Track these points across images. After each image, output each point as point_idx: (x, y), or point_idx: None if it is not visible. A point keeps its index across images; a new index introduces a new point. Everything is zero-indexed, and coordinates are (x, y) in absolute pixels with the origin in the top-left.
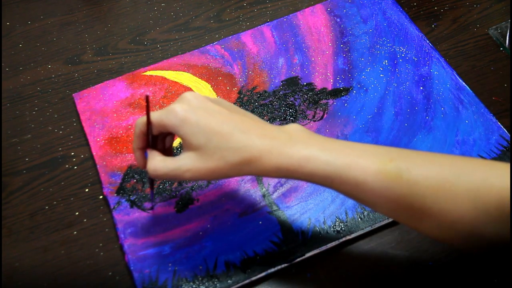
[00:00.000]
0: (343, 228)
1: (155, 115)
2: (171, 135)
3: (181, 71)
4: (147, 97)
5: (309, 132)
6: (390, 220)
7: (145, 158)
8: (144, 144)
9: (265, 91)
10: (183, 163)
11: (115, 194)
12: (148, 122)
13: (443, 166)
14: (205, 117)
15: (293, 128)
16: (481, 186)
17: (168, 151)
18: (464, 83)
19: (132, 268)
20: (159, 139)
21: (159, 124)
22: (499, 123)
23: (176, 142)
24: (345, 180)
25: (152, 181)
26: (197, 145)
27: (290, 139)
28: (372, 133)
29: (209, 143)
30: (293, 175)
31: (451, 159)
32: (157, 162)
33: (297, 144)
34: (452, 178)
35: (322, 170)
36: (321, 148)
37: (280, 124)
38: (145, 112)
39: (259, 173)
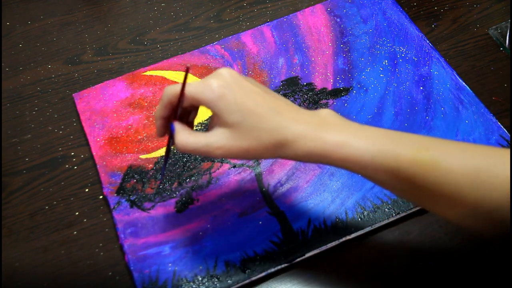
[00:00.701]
0: (343, 228)
1: (190, 88)
2: (195, 110)
3: (181, 71)
4: (187, 69)
5: (342, 117)
6: (390, 220)
7: (165, 128)
8: (169, 114)
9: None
10: (216, 140)
11: (115, 194)
12: (182, 95)
13: (479, 156)
14: (241, 95)
15: (327, 112)
16: None
17: (190, 125)
18: (464, 83)
19: (132, 268)
20: (185, 112)
21: (193, 97)
22: (499, 123)
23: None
24: (379, 167)
25: (168, 153)
26: (232, 122)
27: (324, 124)
28: None
29: (244, 122)
30: (325, 160)
31: (486, 149)
32: (187, 136)
33: (331, 129)
34: (488, 167)
35: (355, 156)
36: (355, 134)
37: None
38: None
39: (291, 157)
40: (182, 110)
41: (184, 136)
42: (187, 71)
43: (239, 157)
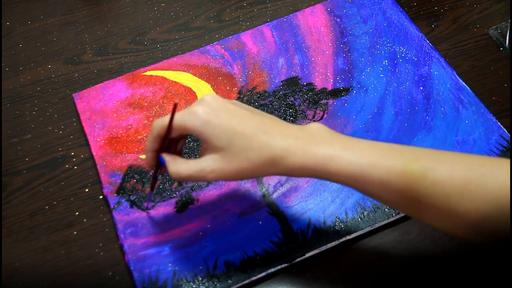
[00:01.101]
0: (343, 228)
1: (177, 117)
2: (184, 138)
3: (181, 71)
4: (175, 105)
5: (331, 131)
6: (390, 220)
7: (155, 160)
8: (159, 146)
9: (265, 91)
10: (207, 165)
11: (115, 194)
12: (170, 127)
13: (468, 166)
14: (227, 118)
15: (316, 127)
16: (505, 185)
17: (179, 154)
18: (464, 83)
19: (132, 268)
20: (173, 142)
21: (180, 126)
22: (499, 123)
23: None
24: (369, 180)
25: (154, 182)
26: (220, 146)
27: (313, 139)
28: (372, 133)
29: (233, 144)
30: (317, 175)
31: (475, 158)
32: (180, 165)
33: (321, 143)
34: (477, 177)
35: (346, 169)
36: (345, 147)
37: None
38: (158, 115)
39: (283, 173)
40: (171, 140)
41: (176, 166)
42: (174, 106)
43: (232, 178)
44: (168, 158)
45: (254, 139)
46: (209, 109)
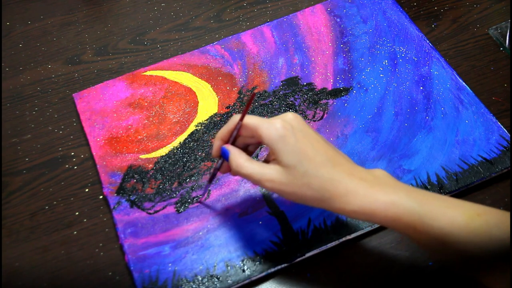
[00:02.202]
0: (343, 228)
1: (255, 121)
2: (254, 146)
3: (181, 71)
4: (253, 95)
5: (394, 178)
6: None
7: (219, 148)
8: (229, 138)
9: (265, 91)
10: (269, 173)
11: (115, 194)
12: (243, 115)
13: None
14: (302, 140)
15: (381, 173)
16: None
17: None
18: (464, 83)
19: (132, 268)
20: (239, 142)
21: (255, 130)
22: (499, 123)
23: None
24: (430, 230)
25: (215, 174)
26: (287, 164)
27: (377, 183)
28: (372, 133)
29: (300, 166)
30: (374, 219)
31: None
32: (244, 160)
33: (385, 188)
34: None
35: (407, 216)
36: (408, 194)
37: None
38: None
39: (338, 210)
40: (242, 140)
41: (241, 160)
42: (253, 96)
43: (286, 196)
44: (233, 150)
45: (322, 168)
46: (288, 126)
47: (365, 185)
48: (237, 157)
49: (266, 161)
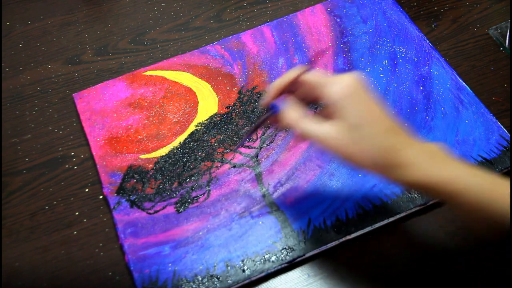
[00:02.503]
0: (343, 228)
1: (317, 76)
2: (306, 103)
3: (181, 71)
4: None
5: (451, 154)
6: (390, 220)
7: (273, 99)
8: (285, 89)
9: (265, 91)
10: (331, 129)
11: (115, 194)
12: (313, 64)
13: None
14: (369, 103)
15: (439, 146)
16: None
17: None
18: (464, 83)
19: (132, 268)
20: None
21: (319, 86)
22: (499, 123)
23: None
24: (492, 210)
25: (260, 125)
26: (353, 123)
27: (437, 156)
28: None
29: (366, 128)
30: (430, 192)
31: None
32: (301, 115)
33: (445, 162)
34: None
35: (467, 193)
36: (468, 171)
37: None
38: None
39: (397, 179)
40: (301, 95)
41: (298, 113)
42: (315, 56)
43: (345, 156)
44: (289, 107)
45: (385, 134)
46: (356, 85)
47: (425, 157)
48: (294, 110)
49: (325, 117)
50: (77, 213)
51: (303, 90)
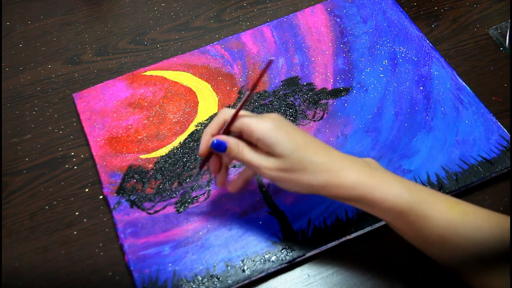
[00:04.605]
0: (343, 228)
1: (246, 118)
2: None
3: (181, 71)
4: (270, 61)
5: (383, 167)
6: None
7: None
8: (218, 131)
9: (265, 91)
10: (267, 160)
11: (115, 194)
12: (238, 110)
13: (503, 217)
14: (293, 132)
15: (370, 160)
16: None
17: None
18: (464, 83)
19: (132, 268)
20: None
21: (246, 125)
22: (499, 123)
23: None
24: (414, 213)
25: (203, 164)
26: (282, 153)
27: (368, 166)
28: (372, 133)
29: (295, 154)
30: (363, 199)
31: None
32: (244, 147)
33: (374, 172)
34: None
35: (396, 199)
36: (397, 180)
37: None
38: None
39: (333, 190)
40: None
41: (241, 147)
42: (269, 63)
43: (283, 184)
44: (230, 138)
45: (315, 154)
46: (277, 121)
47: (356, 166)
48: (237, 143)
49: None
50: (77, 213)
51: (233, 130)
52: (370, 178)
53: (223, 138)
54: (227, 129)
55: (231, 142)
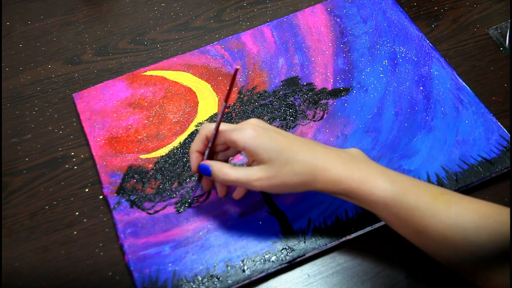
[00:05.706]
0: (343, 228)
1: (226, 128)
2: (224, 154)
3: (181, 71)
4: (236, 70)
5: (368, 157)
6: None
7: (199, 162)
8: (204, 149)
9: (265, 91)
10: (254, 173)
11: (115, 194)
12: (218, 124)
13: (487, 204)
14: (275, 136)
15: (355, 150)
16: (506, 228)
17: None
18: (464, 83)
19: (132, 268)
20: (219, 154)
21: (229, 139)
22: (499, 123)
23: (183, 137)
24: (399, 204)
25: (196, 189)
26: (268, 158)
27: (353, 158)
28: (372, 133)
29: (280, 157)
30: (349, 193)
31: (492, 204)
32: (228, 169)
33: (360, 163)
34: (495, 214)
35: (380, 192)
36: (381, 172)
37: (279, 125)
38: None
39: (322, 186)
40: (217, 149)
41: (225, 168)
42: (236, 72)
43: (275, 189)
44: (214, 163)
45: (300, 153)
46: (258, 127)
47: (341, 160)
48: (220, 167)
49: (248, 165)
50: (77, 213)
51: (218, 142)
52: (356, 171)
53: (208, 163)
54: (212, 147)
55: (215, 167)
